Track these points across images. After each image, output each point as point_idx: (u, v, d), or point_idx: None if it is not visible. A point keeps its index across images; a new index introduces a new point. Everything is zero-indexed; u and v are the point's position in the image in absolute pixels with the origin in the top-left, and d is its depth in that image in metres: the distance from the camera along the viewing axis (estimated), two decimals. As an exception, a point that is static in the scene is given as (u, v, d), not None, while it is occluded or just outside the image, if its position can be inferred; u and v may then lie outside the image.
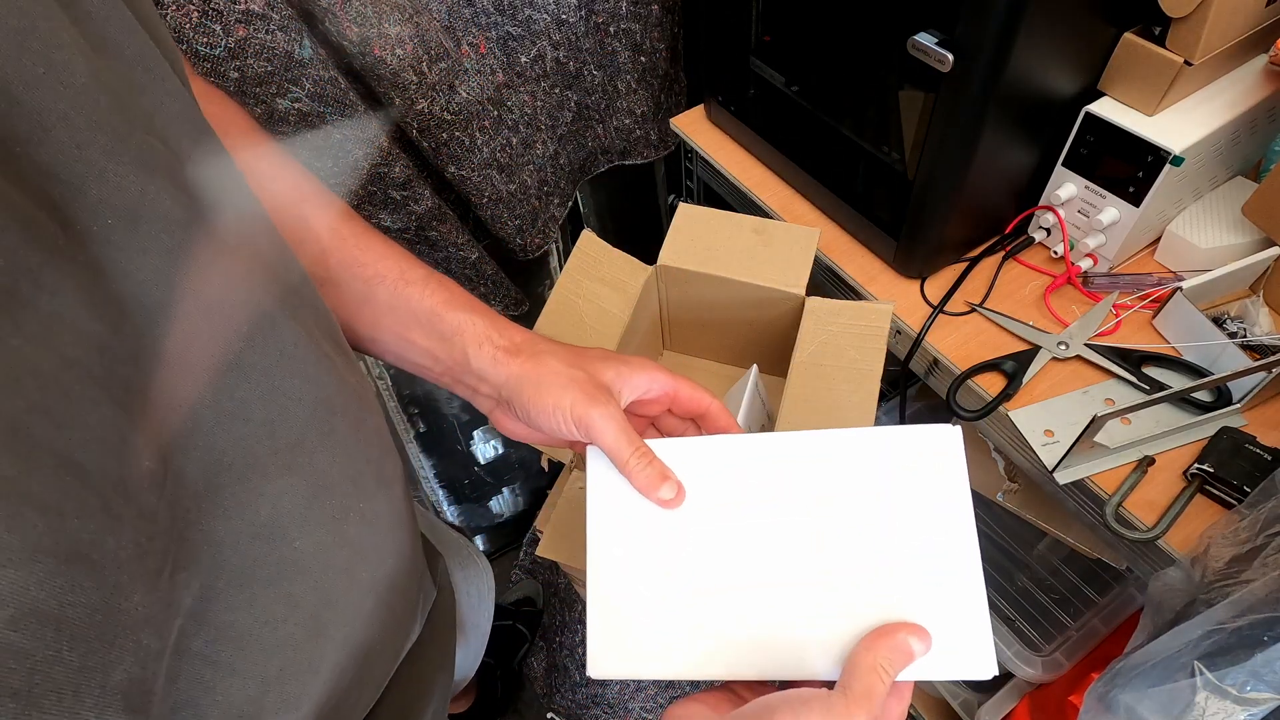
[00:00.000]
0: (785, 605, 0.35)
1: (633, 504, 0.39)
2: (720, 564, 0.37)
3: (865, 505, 0.36)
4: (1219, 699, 0.45)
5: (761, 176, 0.87)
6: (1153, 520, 0.58)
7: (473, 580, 0.67)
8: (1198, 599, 0.52)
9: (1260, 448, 0.58)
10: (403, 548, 0.40)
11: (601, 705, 1.24)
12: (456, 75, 0.77)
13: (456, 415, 1.16)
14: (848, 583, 0.35)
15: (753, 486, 0.37)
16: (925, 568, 0.35)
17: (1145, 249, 0.75)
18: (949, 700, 1.13)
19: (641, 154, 1.01)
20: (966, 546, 0.35)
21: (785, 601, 0.35)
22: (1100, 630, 0.92)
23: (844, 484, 0.36)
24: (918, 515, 0.36)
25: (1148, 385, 0.64)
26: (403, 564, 0.40)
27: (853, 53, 0.69)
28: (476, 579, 0.68)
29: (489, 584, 0.71)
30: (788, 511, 0.36)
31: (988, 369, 0.68)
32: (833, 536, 0.36)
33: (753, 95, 0.84)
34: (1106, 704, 0.52)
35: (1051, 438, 0.63)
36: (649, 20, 0.89)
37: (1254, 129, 0.69)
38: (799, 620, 0.35)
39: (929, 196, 0.67)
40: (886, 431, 0.36)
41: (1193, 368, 0.66)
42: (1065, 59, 0.62)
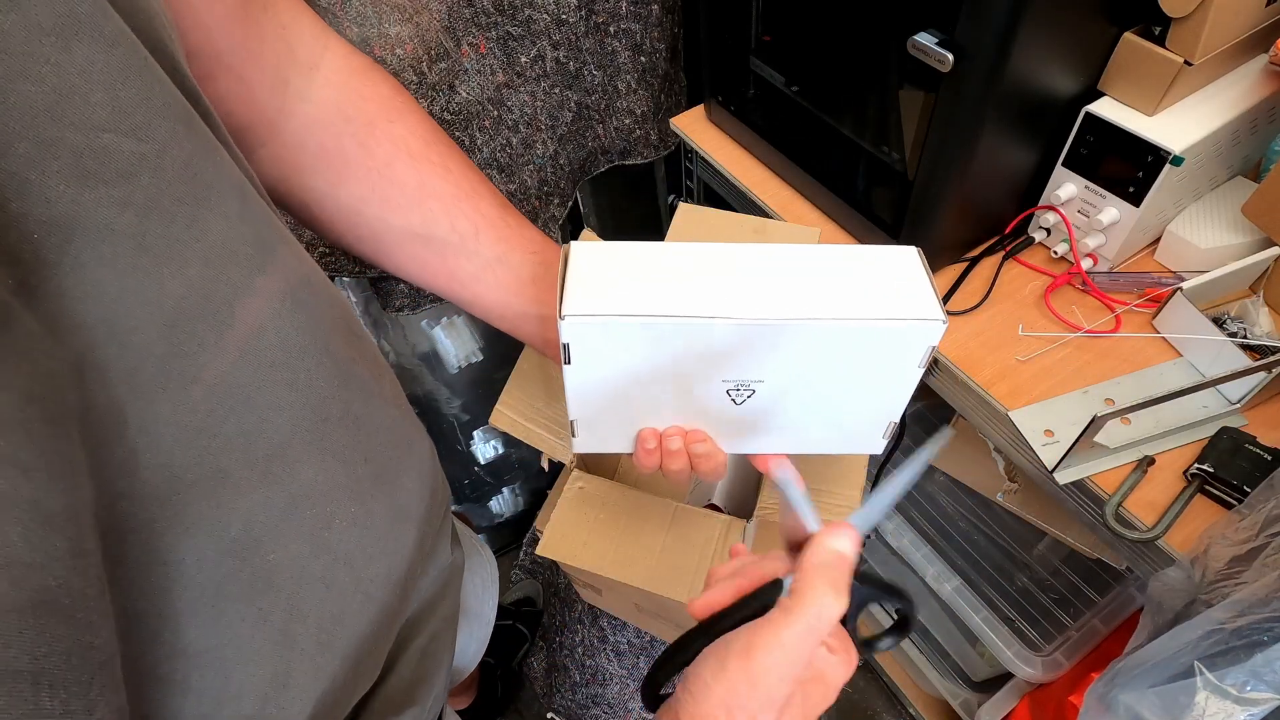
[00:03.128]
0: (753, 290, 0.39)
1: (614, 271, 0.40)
2: (691, 294, 0.39)
3: (828, 270, 0.40)
4: (1219, 699, 0.45)
5: (761, 176, 0.87)
6: (1153, 520, 0.58)
7: (476, 570, 0.67)
8: (1198, 599, 0.52)
9: (1260, 448, 0.58)
10: (404, 543, 0.39)
11: (601, 705, 1.24)
12: (456, 75, 0.77)
13: (456, 415, 1.16)
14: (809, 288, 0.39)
15: (724, 264, 0.40)
16: (880, 276, 0.40)
17: (1145, 249, 0.75)
18: (949, 700, 1.13)
19: (641, 154, 1.01)
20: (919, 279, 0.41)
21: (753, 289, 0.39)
22: (1100, 630, 0.92)
23: (808, 261, 0.41)
24: (876, 276, 0.40)
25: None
26: (404, 558, 0.39)
27: (853, 53, 0.69)
28: (480, 568, 0.68)
29: (493, 574, 0.71)
30: (757, 271, 0.40)
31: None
32: (796, 272, 0.40)
33: (753, 95, 0.84)
34: (1106, 704, 0.52)
35: (1051, 438, 0.63)
36: (649, 20, 0.89)
37: (1254, 129, 0.69)
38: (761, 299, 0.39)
39: (929, 196, 0.67)
40: (849, 246, 0.42)
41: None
42: (1065, 59, 0.62)
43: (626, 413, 0.45)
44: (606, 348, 0.39)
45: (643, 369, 0.41)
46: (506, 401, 0.63)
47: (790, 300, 0.38)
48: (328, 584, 0.34)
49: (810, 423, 0.46)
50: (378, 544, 0.37)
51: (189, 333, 0.26)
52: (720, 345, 0.39)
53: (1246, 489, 0.55)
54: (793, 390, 0.43)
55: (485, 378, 1.13)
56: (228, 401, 0.28)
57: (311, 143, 0.44)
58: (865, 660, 1.30)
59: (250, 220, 0.30)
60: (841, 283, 0.39)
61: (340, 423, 0.33)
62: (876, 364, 0.41)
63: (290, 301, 0.31)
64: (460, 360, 1.08)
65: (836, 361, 0.41)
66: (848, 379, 0.42)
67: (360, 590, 0.36)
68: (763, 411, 0.44)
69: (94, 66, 0.23)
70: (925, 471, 1.09)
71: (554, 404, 0.63)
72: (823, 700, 0.33)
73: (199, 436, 0.27)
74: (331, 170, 0.45)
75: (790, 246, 0.41)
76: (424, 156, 0.47)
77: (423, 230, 0.47)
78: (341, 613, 0.35)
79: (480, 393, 1.15)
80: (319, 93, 0.43)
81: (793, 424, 0.45)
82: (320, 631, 0.34)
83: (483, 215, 0.48)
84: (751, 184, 0.87)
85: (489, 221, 0.48)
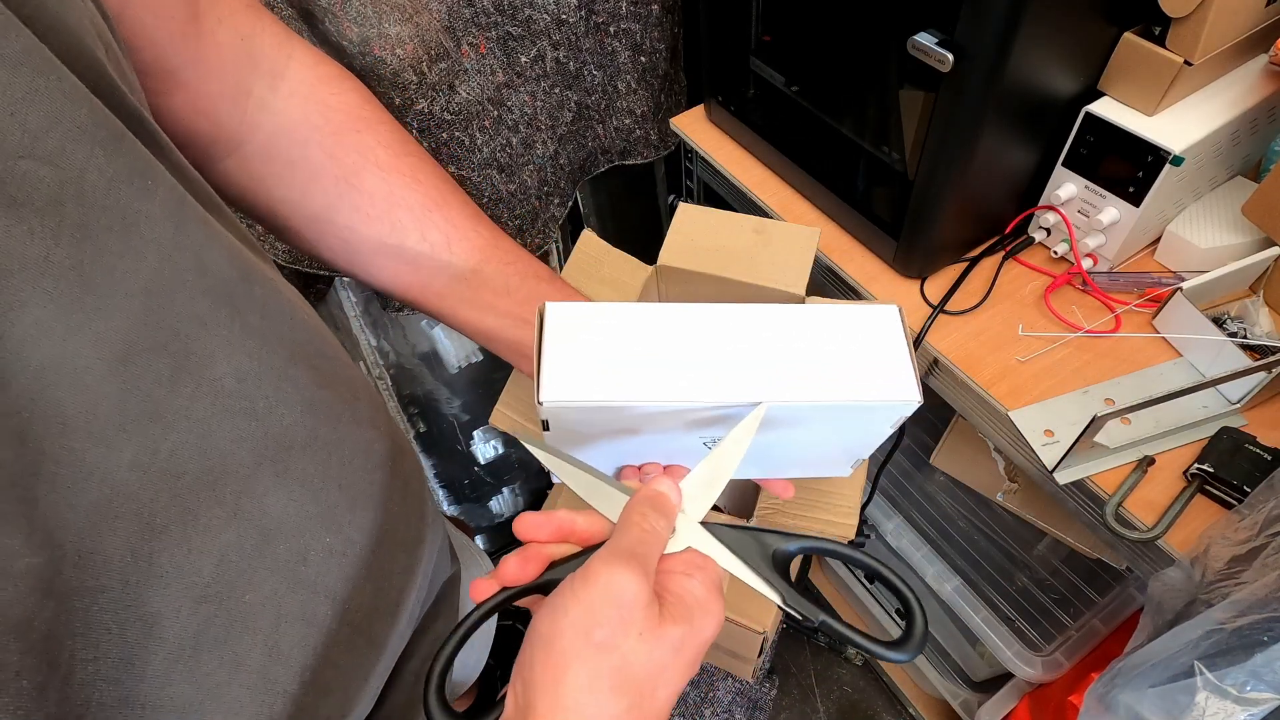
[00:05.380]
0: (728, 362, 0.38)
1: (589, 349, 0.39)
2: (669, 372, 0.38)
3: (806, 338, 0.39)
4: (1219, 699, 0.45)
5: (761, 176, 0.87)
6: (1153, 520, 0.58)
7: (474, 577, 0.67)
8: (1198, 599, 0.52)
9: (1260, 448, 0.58)
10: (391, 569, 0.38)
11: (601, 705, 1.24)
12: (456, 75, 0.77)
13: (456, 415, 1.16)
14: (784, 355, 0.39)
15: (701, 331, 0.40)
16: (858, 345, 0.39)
17: (1145, 249, 0.75)
18: (949, 700, 1.13)
19: (641, 154, 1.01)
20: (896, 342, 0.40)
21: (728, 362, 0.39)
22: (1100, 630, 0.92)
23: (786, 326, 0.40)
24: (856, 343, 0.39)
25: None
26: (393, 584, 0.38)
27: (853, 53, 0.69)
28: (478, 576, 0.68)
29: None
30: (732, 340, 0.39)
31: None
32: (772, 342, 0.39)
33: (753, 95, 0.84)
34: (1106, 704, 0.52)
35: (1051, 438, 0.63)
36: (649, 20, 0.89)
37: (1254, 129, 0.69)
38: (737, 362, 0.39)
39: (929, 196, 0.67)
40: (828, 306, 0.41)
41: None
42: (1065, 59, 0.62)
43: (603, 459, 0.45)
44: (584, 422, 0.39)
45: (619, 433, 0.41)
46: (506, 401, 0.63)
47: (768, 377, 0.38)
48: (308, 620, 0.32)
49: (783, 460, 0.48)
50: (361, 572, 0.35)
51: (143, 367, 0.25)
52: (697, 419, 0.39)
53: (1246, 489, 0.55)
54: (766, 444, 0.43)
55: (485, 378, 1.13)
56: (190, 438, 0.26)
57: (277, 153, 0.43)
58: (845, 656, 1.30)
59: (189, 243, 0.28)
60: (820, 354, 0.39)
61: (306, 450, 0.32)
62: (850, 429, 0.43)
63: (240, 328, 0.29)
64: (460, 360, 1.08)
65: (812, 428, 0.42)
66: (821, 438, 0.44)
67: (346, 623, 0.34)
68: None
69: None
70: (925, 472, 1.09)
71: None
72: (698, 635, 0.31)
73: (165, 478, 0.26)
74: (298, 181, 0.44)
75: (769, 308, 0.40)
76: (392, 167, 0.46)
77: (393, 240, 0.46)
78: (325, 649, 0.33)
79: (480, 393, 1.15)
80: (283, 103, 0.43)
81: (766, 461, 0.47)
82: (304, 671, 0.32)
83: (454, 226, 0.47)
84: (751, 184, 0.87)
85: (461, 232, 0.48)
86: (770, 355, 0.38)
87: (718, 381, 0.37)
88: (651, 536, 0.33)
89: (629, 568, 0.30)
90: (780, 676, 1.29)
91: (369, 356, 1.02)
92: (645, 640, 0.29)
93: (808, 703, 1.28)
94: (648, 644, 0.29)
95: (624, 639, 0.29)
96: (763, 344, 0.39)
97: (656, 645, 0.30)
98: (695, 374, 0.37)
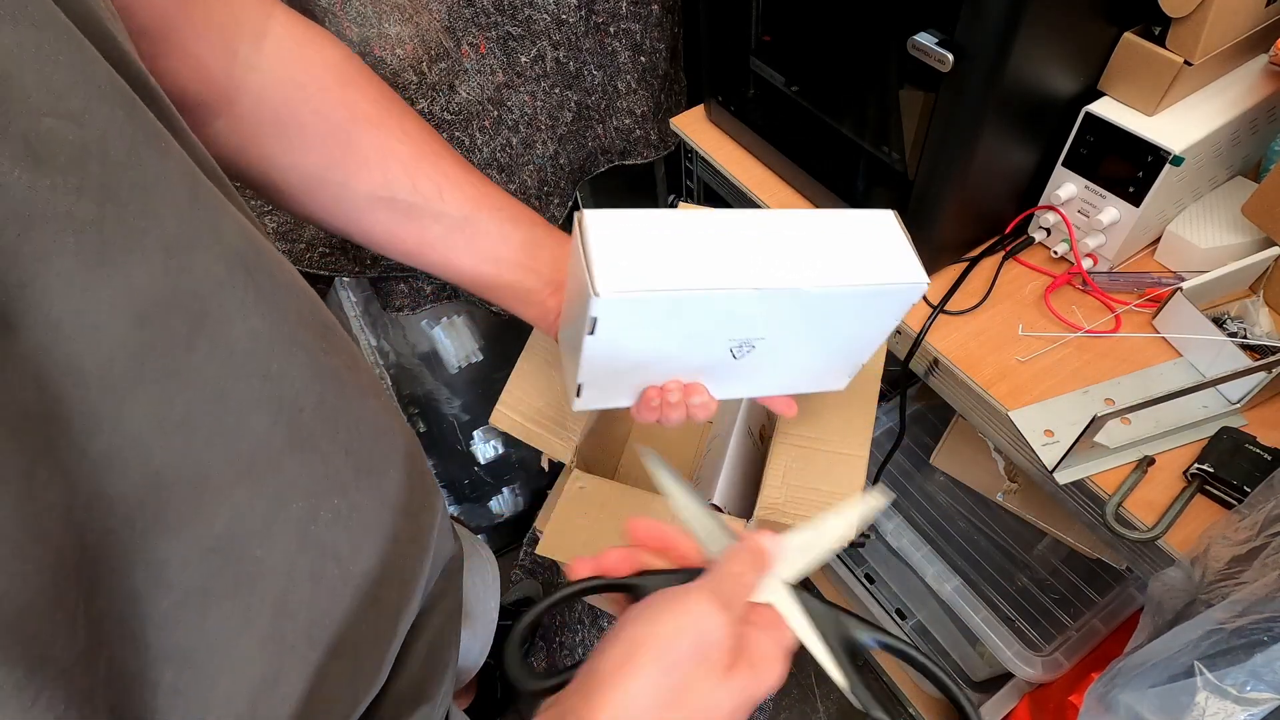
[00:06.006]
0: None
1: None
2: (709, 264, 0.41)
3: (823, 235, 0.44)
4: (1219, 699, 0.45)
5: (761, 176, 0.87)
6: (1153, 520, 0.58)
7: (477, 571, 0.67)
8: (1198, 599, 0.52)
9: (1260, 448, 0.58)
10: (394, 535, 0.39)
11: (601, 705, 1.24)
12: (456, 75, 0.77)
13: (456, 415, 1.16)
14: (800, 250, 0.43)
15: (729, 231, 0.42)
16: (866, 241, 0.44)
17: (1145, 249, 0.75)
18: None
19: (641, 154, 1.01)
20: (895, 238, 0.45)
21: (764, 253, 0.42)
22: (1100, 630, 0.92)
23: (802, 226, 0.44)
24: (865, 240, 0.44)
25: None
26: (397, 551, 0.39)
27: (853, 53, 0.69)
28: (481, 570, 0.68)
29: (494, 573, 0.71)
30: (761, 241, 0.43)
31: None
32: (795, 239, 0.43)
33: (753, 95, 0.84)
34: (1106, 704, 0.52)
35: (1051, 438, 0.63)
36: (649, 20, 0.89)
37: (1254, 129, 0.69)
38: None
39: (929, 196, 0.67)
40: (833, 211, 0.46)
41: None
42: (1065, 59, 0.62)
43: (632, 375, 0.47)
44: (632, 321, 0.40)
45: (662, 332, 0.42)
46: (506, 401, 0.63)
47: (800, 266, 0.41)
48: (316, 580, 0.33)
49: (792, 369, 0.51)
50: (366, 537, 0.36)
51: (160, 325, 0.26)
52: (737, 311, 0.42)
53: (1246, 489, 0.55)
54: (787, 345, 0.47)
55: (485, 378, 1.13)
56: (204, 396, 0.27)
57: (265, 112, 0.43)
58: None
59: (204, 208, 0.29)
60: (838, 247, 0.43)
61: (316, 414, 0.33)
62: (865, 319, 0.47)
63: (254, 291, 0.30)
64: (460, 360, 1.08)
65: (834, 320, 0.46)
66: (837, 333, 0.47)
67: (350, 585, 0.35)
68: (754, 362, 0.47)
69: (22, 49, 0.22)
70: (925, 471, 1.09)
71: (554, 404, 0.63)
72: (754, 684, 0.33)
73: (177, 434, 0.26)
74: (286, 138, 0.44)
75: (778, 212, 0.45)
76: (379, 121, 0.46)
77: (385, 193, 0.46)
78: (331, 608, 0.35)
79: (480, 393, 1.15)
80: (268, 61, 0.43)
81: (776, 370, 0.50)
82: (311, 628, 0.33)
83: (445, 175, 0.48)
84: (751, 184, 0.87)
85: (452, 182, 0.48)
86: (797, 249, 0.42)
87: (760, 269, 0.41)
88: (745, 588, 0.36)
89: (721, 612, 0.32)
90: (780, 676, 1.29)
91: (369, 356, 1.02)
92: (710, 679, 0.31)
93: (808, 703, 1.28)
94: (711, 683, 0.31)
95: (694, 671, 0.31)
96: (786, 241, 0.42)
97: (718, 687, 0.31)
98: (737, 264, 0.40)
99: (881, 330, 0.49)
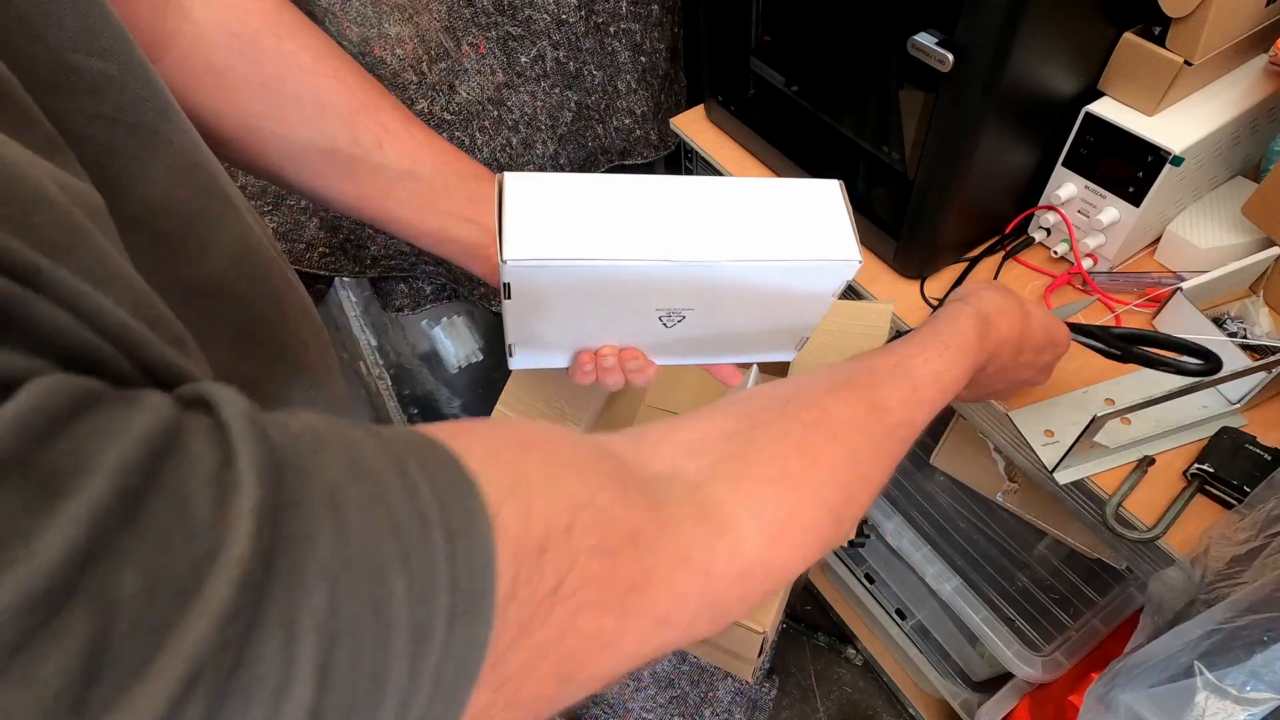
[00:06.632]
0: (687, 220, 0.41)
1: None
2: (627, 233, 0.40)
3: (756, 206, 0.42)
4: (1219, 699, 0.45)
5: (761, 176, 0.87)
6: (1153, 520, 0.58)
7: None
8: (1198, 599, 0.52)
9: (1260, 448, 0.58)
10: None
11: (601, 705, 1.24)
12: (456, 75, 0.77)
13: (456, 415, 1.16)
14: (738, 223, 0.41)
15: (656, 199, 0.41)
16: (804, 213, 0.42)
17: (1145, 249, 0.75)
18: (949, 700, 1.13)
19: (641, 154, 1.01)
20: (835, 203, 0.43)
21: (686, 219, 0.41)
22: (1100, 630, 0.92)
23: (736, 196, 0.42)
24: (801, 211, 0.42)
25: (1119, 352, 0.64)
26: None
27: (853, 53, 0.69)
28: None
29: None
30: (687, 207, 0.41)
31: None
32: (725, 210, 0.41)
33: (753, 95, 0.84)
34: (1106, 704, 0.52)
35: (1051, 438, 0.63)
36: (649, 20, 0.89)
37: (1254, 129, 0.69)
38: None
39: (929, 196, 0.67)
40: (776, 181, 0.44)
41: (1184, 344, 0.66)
42: (1065, 59, 0.62)
43: (563, 336, 0.47)
44: (546, 285, 0.40)
45: (580, 300, 0.42)
46: (506, 401, 0.63)
47: (722, 239, 0.40)
48: None
49: (731, 338, 0.50)
50: None
51: (167, 231, 0.28)
52: (655, 282, 0.41)
53: (1246, 489, 0.55)
54: (719, 315, 0.46)
55: (485, 378, 1.13)
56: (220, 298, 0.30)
57: (199, 61, 0.43)
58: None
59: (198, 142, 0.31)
60: (769, 219, 0.42)
61: None
62: (798, 294, 0.45)
63: (244, 205, 0.33)
64: (460, 360, 1.08)
65: (762, 293, 0.44)
66: (770, 305, 0.46)
67: None
68: (690, 332, 0.47)
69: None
70: (925, 471, 1.09)
71: (554, 404, 0.63)
72: None
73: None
74: (223, 89, 0.44)
75: (719, 180, 0.43)
76: (316, 70, 0.46)
77: (325, 144, 0.46)
78: None
79: (480, 393, 1.15)
80: (202, 10, 0.43)
81: (717, 340, 0.50)
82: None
83: (385, 127, 0.47)
84: (751, 184, 0.87)
85: (392, 134, 0.48)
86: (724, 220, 0.41)
87: (676, 241, 0.39)
88: None
89: None
90: (780, 676, 1.29)
91: (369, 356, 1.02)
92: None
93: (808, 703, 1.28)
94: None
95: None
96: (716, 211, 0.41)
97: None
98: (654, 235, 0.39)
99: (819, 304, 0.48)
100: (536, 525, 0.21)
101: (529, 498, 0.22)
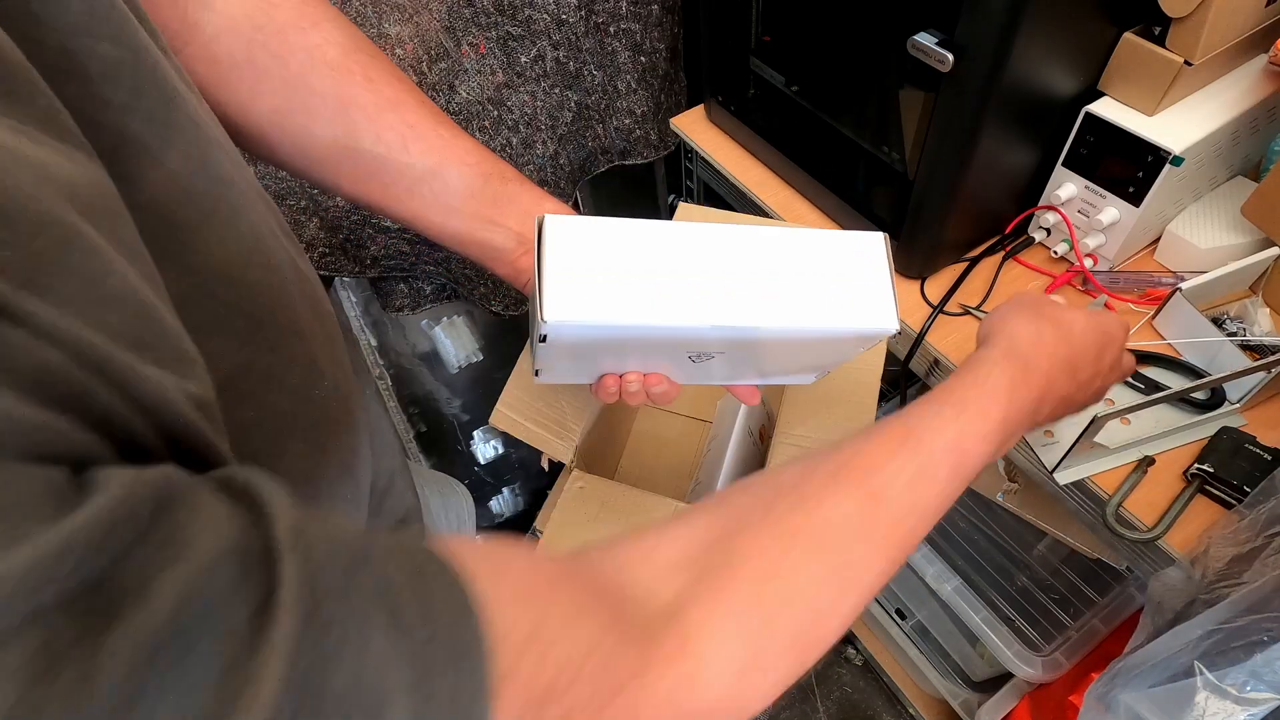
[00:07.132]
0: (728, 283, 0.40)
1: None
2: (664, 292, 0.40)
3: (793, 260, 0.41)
4: (1219, 699, 0.45)
5: (761, 176, 0.87)
6: (1153, 520, 0.58)
7: (452, 507, 0.67)
8: (1198, 599, 0.52)
9: (1260, 448, 0.58)
10: None
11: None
12: (456, 75, 0.77)
13: (456, 415, 1.16)
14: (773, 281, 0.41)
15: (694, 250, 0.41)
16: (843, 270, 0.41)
17: (1145, 249, 0.75)
18: (949, 700, 1.13)
19: (641, 154, 1.01)
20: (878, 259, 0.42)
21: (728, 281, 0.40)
22: (1100, 630, 0.92)
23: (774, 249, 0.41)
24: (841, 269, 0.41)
25: (1143, 385, 0.64)
26: None
27: (853, 53, 0.69)
28: (455, 505, 0.68)
29: (469, 509, 0.71)
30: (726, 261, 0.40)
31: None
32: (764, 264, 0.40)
33: (753, 95, 0.84)
34: (1106, 704, 0.52)
35: (1051, 438, 0.63)
36: (649, 20, 0.89)
37: (1254, 129, 0.69)
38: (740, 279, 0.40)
39: (929, 196, 0.67)
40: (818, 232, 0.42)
41: (1191, 368, 0.66)
42: (1065, 59, 0.62)
43: (591, 367, 0.48)
44: (582, 339, 0.40)
45: (614, 347, 0.43)
46: (506, 401, 0.63)
47: (760, 299, 0.40)
48: None
49: (753, 372, 0.51)
50: None
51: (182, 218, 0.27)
52: (689, 338, 0.42)
53: (1246, 489, 0.55)
54: (748, 358, 0.47)
55: (485, 378, 1.13)
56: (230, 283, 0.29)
57: (222, 54, 0.42)
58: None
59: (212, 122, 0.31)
60: (809, 278, 0.41)
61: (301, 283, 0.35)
62: (828, 348, 0.46)
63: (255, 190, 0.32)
64: (460, 360, 1.08)
65: (793, 348, 0.45)
66: (800, 355, 0.47)
67: None
68: (717, 367, 0.48)
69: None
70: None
71: (554, 404, 0.63)
72: None
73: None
74: (245, 83, 0.43)
75: (760, 229, 0.42)
76: (342, 66, 0.45)
77: (348, 142, 0.45)
78: None
79: (480, 393, 1.15)
80: (223, 2, 0.42)
81: (744, 370, 0.51)
82: None
83: (410, 126, 0.46)
84: (751, 184, 0.87)
85: (417, 133, 0.47)
86: (764, 277, 0.40)
87: (714, 302, 0.39)
88: None
89: None
90: (780, 676, 1.29)
91: (369, 356, 1.02)
92: None
93: (808, 703, 1.28)
94: None
95: None
96: (756, 266, 0.40)
97: None
98: (692, 294, 0.39)
99: (848, 354, 0.48)
100: (548, 672, 0.23)
101: (548, 644, 0.23)
